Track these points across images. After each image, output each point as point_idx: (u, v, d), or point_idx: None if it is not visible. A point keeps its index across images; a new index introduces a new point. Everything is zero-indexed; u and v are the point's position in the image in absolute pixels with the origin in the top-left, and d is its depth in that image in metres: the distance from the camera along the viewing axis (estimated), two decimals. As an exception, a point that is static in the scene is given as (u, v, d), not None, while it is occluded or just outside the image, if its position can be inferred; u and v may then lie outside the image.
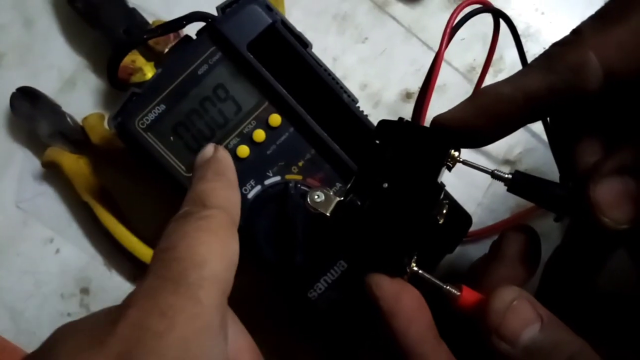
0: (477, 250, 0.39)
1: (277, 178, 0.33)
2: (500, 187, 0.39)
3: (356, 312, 0.33)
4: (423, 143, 0.27)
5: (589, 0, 0.42)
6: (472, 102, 0.27)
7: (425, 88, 0.31)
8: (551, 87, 0.25)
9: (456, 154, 0.27)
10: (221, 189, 0.27)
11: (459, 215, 0.35)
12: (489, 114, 0.26)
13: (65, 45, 0.42)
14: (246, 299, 0.38)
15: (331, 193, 0.27)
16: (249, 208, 0.33)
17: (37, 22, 0.42)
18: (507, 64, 0.41)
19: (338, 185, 0.34)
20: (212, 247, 0.23)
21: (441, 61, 0.30)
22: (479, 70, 0.36)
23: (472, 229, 0.35)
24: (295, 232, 0.32)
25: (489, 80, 0.38)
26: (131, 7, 0.40)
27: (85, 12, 0.40)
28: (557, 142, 0.33)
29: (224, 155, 0.30)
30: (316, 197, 0.27)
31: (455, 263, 0.39)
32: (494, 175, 0.28)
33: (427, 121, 0.34)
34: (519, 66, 0.37)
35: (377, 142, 0.28)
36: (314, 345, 0.38)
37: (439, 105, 0.40)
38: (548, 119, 0.34)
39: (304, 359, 0.38)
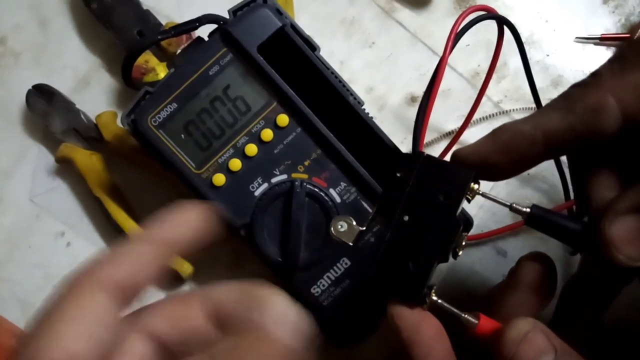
0: (478, 253, 0.40)
1: (284, 176, 0.34)
2: (502, 190, 0.40)
3: (359, 308, 0.34)
4: (443, 177, 0.27)
5: (592, 8, 0.43)
6: (492, 138, 0.27)
7: (429, 92, 0.31)
8: (570, 127, 0.26)
9: (476, 186, 0.27)
10: None
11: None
12: (508, 151, 0.27)
13: (79, 45, 0.43)
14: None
15: (354, 223, 0.28)
16: (255, 205, 0.34)
17: (53, 22, 0.43)
18: (511, 70, 0.42)
19: (343, 184, 0.35)
20: None
21: (445, 66, 0.31)
22: (483, 76, 0.37)
23: (473, 232, 0.36)
24: (300, 229, 0.33)
25: (492, 86, 0.39)
26: (145, 9, 0.41)
27: (100, 14, 0.41)
28: (577, 176, 0.34)
29: None
30: (339, 226, 0.28)
31: (456, 265, 0.40)
32: (512, 208, 0.28)
33: (430, 124, 0.34)
34: (522, 72, 0.38)
35: (398, 175, 0.28)
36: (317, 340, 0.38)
37: (442, 110, 0.41)
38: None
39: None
